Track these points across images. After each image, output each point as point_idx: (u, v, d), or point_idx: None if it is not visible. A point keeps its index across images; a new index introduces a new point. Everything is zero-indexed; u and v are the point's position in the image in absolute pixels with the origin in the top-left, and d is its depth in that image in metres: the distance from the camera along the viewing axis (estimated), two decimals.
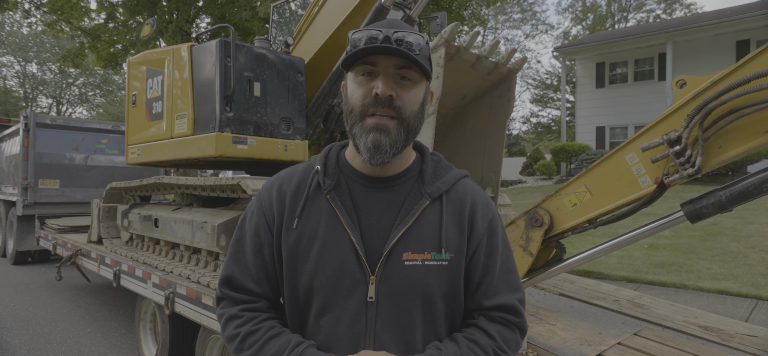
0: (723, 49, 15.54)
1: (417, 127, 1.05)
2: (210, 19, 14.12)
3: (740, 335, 2.76)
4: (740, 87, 2.00)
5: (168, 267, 3.52)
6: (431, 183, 1.09)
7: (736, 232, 7.39)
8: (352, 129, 1.03)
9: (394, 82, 1.00)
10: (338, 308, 1.02)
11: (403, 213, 1.05)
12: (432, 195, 1.07)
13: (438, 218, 1.06)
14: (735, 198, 2.10)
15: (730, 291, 5.09)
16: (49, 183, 8.08)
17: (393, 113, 1.00)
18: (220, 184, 3.23)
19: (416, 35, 0.99)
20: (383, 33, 0.97)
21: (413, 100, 1.02)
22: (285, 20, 5.41)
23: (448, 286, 1.05)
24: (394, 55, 0.98)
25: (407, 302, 1.02)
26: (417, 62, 0.99)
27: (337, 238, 1.03)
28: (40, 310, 5.63)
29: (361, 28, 1.03)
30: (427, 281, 1.02)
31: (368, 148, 1.00)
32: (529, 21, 37.40)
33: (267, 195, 1.13)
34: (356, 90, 1.02)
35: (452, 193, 1.10)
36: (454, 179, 1.12)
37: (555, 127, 32.89)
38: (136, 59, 4.44)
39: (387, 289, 1.01)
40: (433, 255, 1.03)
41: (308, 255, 1.04)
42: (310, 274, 1.03)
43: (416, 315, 1.03)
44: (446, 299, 1.06)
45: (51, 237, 6.14)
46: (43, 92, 36.16)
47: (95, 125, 8.87)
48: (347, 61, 1.02)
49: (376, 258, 1.02)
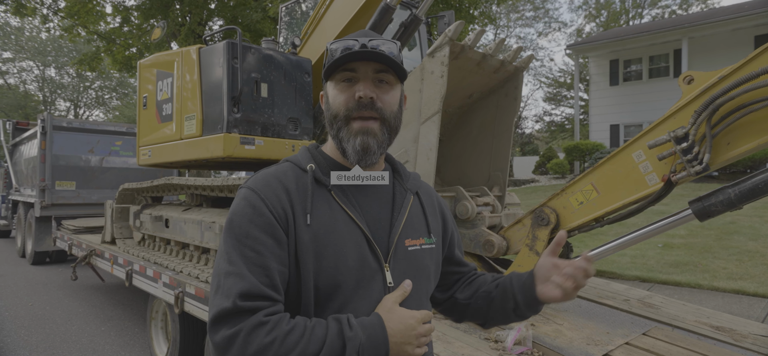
0: (741, 44, 15.21)
1: (397, 126, 1.15)
2: (222, 21, 14.24)
3: (753, 335, 2.70)
4: (749, 82, 1.97)
5: (178, 267, 3.57)
6: (407, 180, 1.24)
7: (753, 231, 7.23)
8: (339, 133, 1.10)
9: (374, 85, 1.08)
10: (359, 298, 1.05)
11: (397, 205, 1.17)
12: (411, 191, 1.22)
13: (421, 209, 1.23)
14: (745, 195, 2.06)
15: (746, 291, 4.98)
16: (65, 184, 8.23)
17: (375, 114, 1.08)
18: (228, 185, 3.27)
19: (389, 43, 1.10)
20: (360, 41, 1.06)
21: (392, 101, 1.11)
22: (296, 21, 5.44)
23: (436, 266, 1.24)
24: (372, 61, 1.07)
25: (417, 282, 1.13)
26: (394, 65, 1.08)
27: (351, 231, 1.07)
28: (57, 309, 5.75)
29: (337, 39, 1.12)
30: (426, 263, 1.18)
31: (357, 151, 1.08)
32: (541, 19, 37.14)
33: (269, 193, 1.05)
34: (338, 96, 1.09)
35: (422, 190, 1.28)
36: (417, 177, 1.30)
37: (568, 125, 32.53)
38: (147, 62, 4.50)
39: (400, 273, 1.11)
40: (425, 240, 1.19)
41: (326, 249, 1.03)
42: (331, 269, 1.02)
43: (422, 294, 1.17)
44: (435, 278, 1.25)
45: (67, 237, 6.26)
46: (61, 96, 36.85)
47: (110, 127, 9.01)
48: (329, 70, 1.10)
49: (384, 247, 1.11)
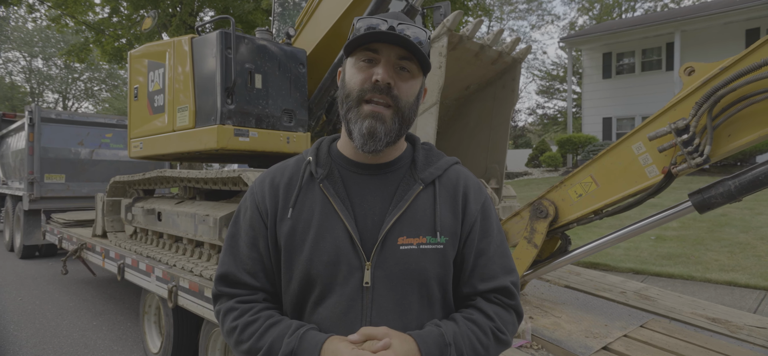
0: (732, 37, 15.31)
1: (411, 118, 1.06)
2: (213, 11, 14.07)
3: (749, 327, 2.71)
4: (751, 73, 1.95)
5: (171, 261, 3.52)
6: (424, 169, 1.11)
7: (744, 223, 7.30)
8: (348, 113, 1.04)
9: (394, 71, 1.01)
10: (335, 295, 1.02)
11: (396, 198, 1.06)
12: (425, 181, 1.09)
13: (431, 202, 1.07)
14: (744, 187, 2.05)
15: (738, 282, 5.03)
16: (54, 177, 8.10)
17: (390, 101, 1.01)
18: (222, 177, 3.21)
19: (419, 29, 1.02)
20: (389, 23, 1.00)
21: (410, 91, 1.04)
22: (288, 12, 5.36)
23: (443, 270, 1.06)
24: (397, 45, 1.00)
25: (403, 287, 1.02)
26: (418, 54, 1.01)
27: (332, 225, 1.04)
28: (47, 304, 5.67)
29: (367, 15, 1.05)
30: (422, 265, 1.03)
31: (362, 134, 1.01)
32: (534, 11, 37.22)
33: (259, 188, 1.14)
34: (356, 75, 1.03)
35: (445, 178, 1.12)
36: (446, 165, 1.14)
37: (561, 118, 32.66)
38: (137, 52, 4.42)
39: (383, 274, 1.02)
40: (428, 239, 1.04)
41: (303, 243, 1.05)
42: (306, 263, 1.04)
43: (413, 300, 1.03)
44: (442, 283, 1.07)
45: (57, 231, 6.16)
46: (49, 87, 36.31)
47: (100, 119, 8.87)
48: (350, 45, 1.02)
49: (371, 244, 1.03)
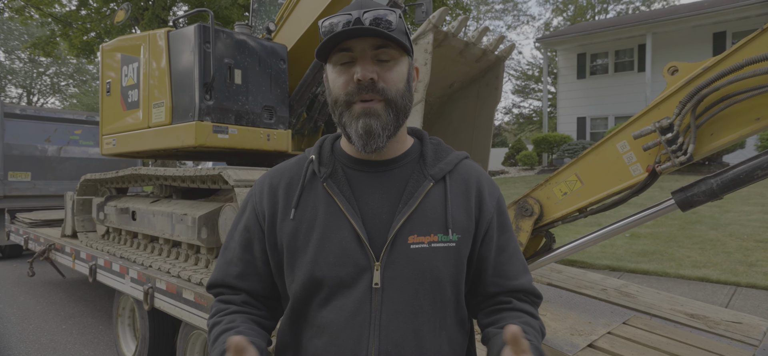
0: (700, 40, 15.82)
1: (406, 106, 1.00)
2: (187, 6, 13.73)
3: (725, 322, 2.78)
4: (733, 73, 1.98)
5: (147, 262, 3.40)
6: (433, 164, 1.05)
7: (714, 221, 7.54)
8: (341, 119, 0.98)
9: (374, 63, 0.95)
10: (342, 297, 0.96)
11: (406, 196, 1.00)
12: (435, 177, 1.03)
13: (443, 199, 1.01)
14: (726, 185, 2.08)
15: (709, 278, 5.18)
16: (19, 175, 7.78)
17: (378, 96, 0.95)
18: (200, 175, 3.11)
19: (387, 10, 0.94)
20: (353, 15, 0.93)
21: (397, 78, 0.97)
22: (265, 8, 5.25)
23: (456, 270, 1.01)
24: (367, 36, 0.93)
25: (415, 287, 0.96)
26: (393, 39, 0.93)
27: (337, 225, 0.98)
28: (12, 307, 5.41)
29: (329, 15, 0.98)
30: (434, 264, 0.97)
31: (360, 136, 0.95)
32: (510, 12, 37.55)
33: (258, 190, 1.09)
34: (337, 79, 0.97)
35: (456, 174, 1.06)
36: (457, 160, 1.08)
37: (536, 117, 33.19)
38: (109, 46, 4.25)
39: (393, 274, 0.96)
40: (439, 237, 0.98)
41: (307, 245, 0.99)
42: (310, 264, 0.98)
43: (424, 301, 0.98)
44: (454, 284, 1.01)
45: (22, 231, 5.90)
46: (11, 82, 34.79)
47: (68, 115, 8.58)
48: (322, 52, 0.97)
49: (380, 244, 0.97)
